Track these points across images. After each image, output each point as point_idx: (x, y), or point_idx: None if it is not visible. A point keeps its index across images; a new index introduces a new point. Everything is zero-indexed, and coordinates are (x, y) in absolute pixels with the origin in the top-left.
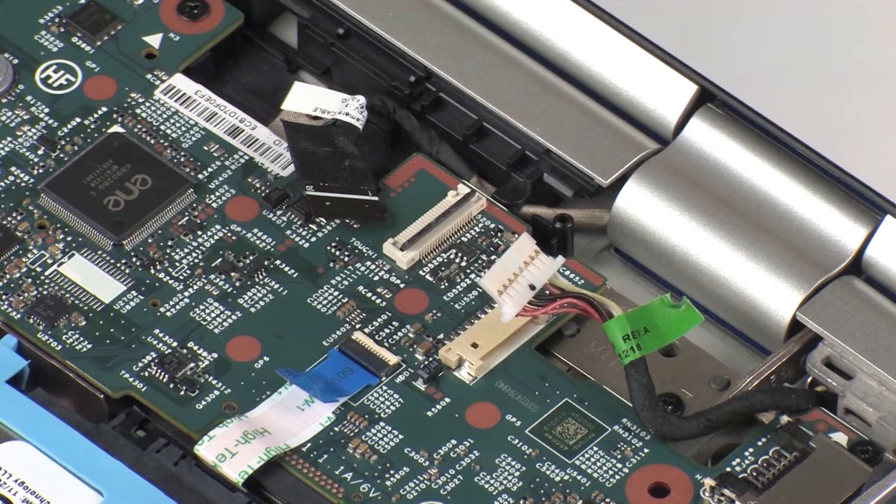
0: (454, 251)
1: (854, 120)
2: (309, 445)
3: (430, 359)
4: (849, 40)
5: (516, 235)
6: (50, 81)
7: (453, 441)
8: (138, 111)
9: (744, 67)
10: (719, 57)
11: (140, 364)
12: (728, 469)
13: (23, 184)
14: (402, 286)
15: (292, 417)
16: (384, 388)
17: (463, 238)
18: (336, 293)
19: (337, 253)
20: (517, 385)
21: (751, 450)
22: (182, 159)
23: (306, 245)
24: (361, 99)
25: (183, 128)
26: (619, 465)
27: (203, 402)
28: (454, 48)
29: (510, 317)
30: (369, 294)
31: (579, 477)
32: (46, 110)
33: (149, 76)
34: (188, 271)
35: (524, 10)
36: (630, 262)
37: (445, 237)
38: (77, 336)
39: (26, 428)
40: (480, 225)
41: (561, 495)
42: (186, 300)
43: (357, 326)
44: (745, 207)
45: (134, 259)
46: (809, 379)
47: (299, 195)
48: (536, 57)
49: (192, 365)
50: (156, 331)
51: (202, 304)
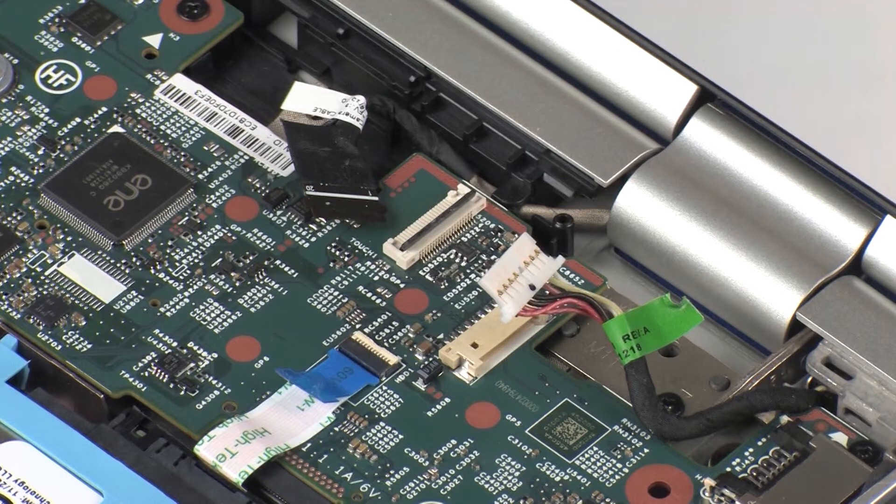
0: (454, 251)
1: (854, 120)
2: (309, 445)
3: (430, 359)
4: (849, 40)
5: (516, 235)
6: (50, 81)
7: (453, 441)
8: (138, 111)
9: (744, 67)
10: (719, 57)
11: (140, 364)
12: (728, 469)
13: (23, 184)
14: (402, 286)
15: (292, 417)
16: (384, 388)
17: (463, 238)
18: (336, 293)
19: (337, 253)
20: (517, 385)
21: (751, 450)
22: (182, 159)
23: (306, 245)
24: (361, 99)
25: (183, 128)
26: (619, 465)
27: (203, 402)
28: (454, 48)
29: (510, 317)
30: (369, 294)
31: (579, 477)
32: (46, 110)
33: (149, 76)
34: (188, 271)
35: (524, 10)
36: (630, 262)
37: (445, 237)
38: (77, 336)
39: (26, 428)
40: (480, 225)
41: (561, 495)
42: (186, 300)
43: (357, 326)
44: (745, 207)
45: (134, 259)
46: (809, 379)
47: (299, 195)
48: (536, 57)
49: (192, 365)
50: (156, 331)
51: (202, 304)
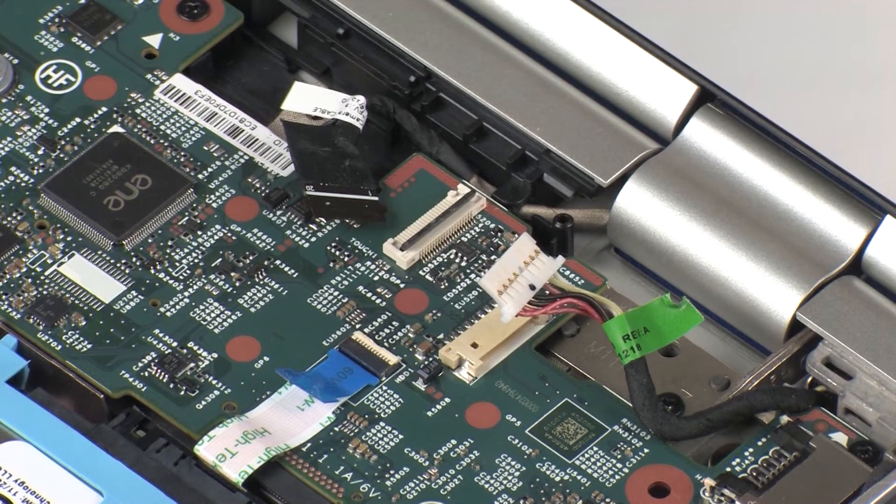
0: (454, 251)
1: (854, 120)
2: (309, 445)
3: (430, 359)
4: (849, 40)
5: (516, 235)
6: (50, 81)
7: (453, 441)
8: (138, 111)
9: (744, 67)
10: (719, 57)
11: (140, 364)
12: (728, 469)
13: (23, 184)
14: (402, 286)
15: (292, 417)
16: (384, 388)
17: (463, 238)
18: (336, 293)
19: (337, 253)
20: (517, 385)
21: (751, 450)
22: (182, 159)
23: (306, 245)
24: (361, 99)
25: (183, 128)
26: (619, 465)
27: (203, 402)
28: (454, 48)
29: (510, 317)
30: (369, 294)
31: (579, 477)
32: (46, 110)
33: (149, 76)
34: (188, 271)
35: (524, 10)
36: (630, 262)
37: (445, 237)
38: (77, 336)
39: (26, 428)
40: (480, 225)
41: (561, 495)
42: (186, 300)
43: (357, 326)
44: (745, 207)
45: (134, 259)
46: (809, 379)
47: (299, 195)
48: (536, 57)
49: (192, 365)
50: (156, 331)
51: (202, 304)
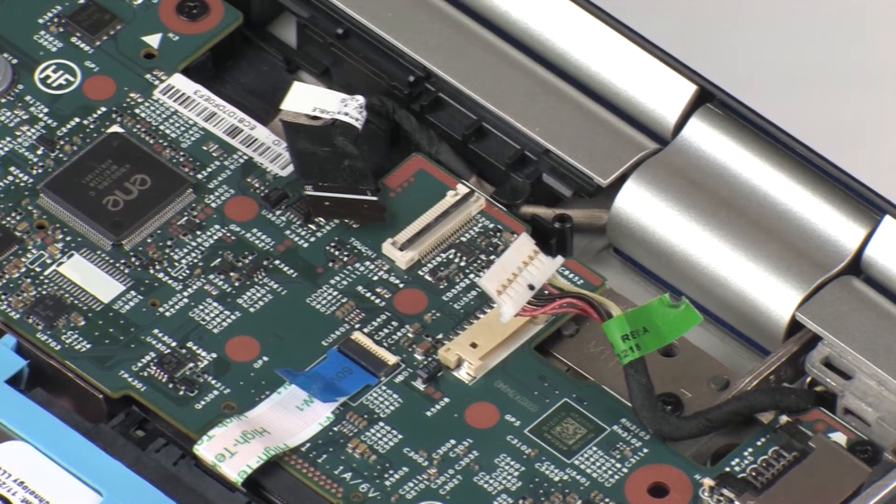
0: (453, 251)
1: (854, 120)
2: (308, 445)
3: (430, 359)
4: (849, 40)
5: (515, 235)
6: (49, 81)
7: (452, 441)
8: (137, 111)
9: (743, 67)
10: (718, 57)
11: (139, 364)
12: (727, 469)
13: (22, 184)
14: (402, 286)
15: (291, 417)
16: (383, 388)
17: (462, 238)
18: (335, 293)
19: (336, 253)
20: (516, 385)
21: (750, 450)
22: (181, 159)
23: (305, 245)
24: (361, 99)
25: (182, 128)
26: (619, 465)
27: (202, 402)
28: (453, 48)
29: (509, 317)
30: (368, 294)
31: (578, 477)
32: (45, 110)
33: (148, 76)
34: (187, 271)
35: (523, 10)
36: (629, 262)
37: (444, 237)
38: (76, 336)
39: (25, 428)
40: (479, 225)
41: (560, 495)
42: (185, 300)
43: (356, 326)
44: (745, 207)
45: (133, 259)
46: (809, 379)
47: (298, 195)
48: (536, 57)
49: (192, 365)
50: (155, 331)
51: (201, 304)
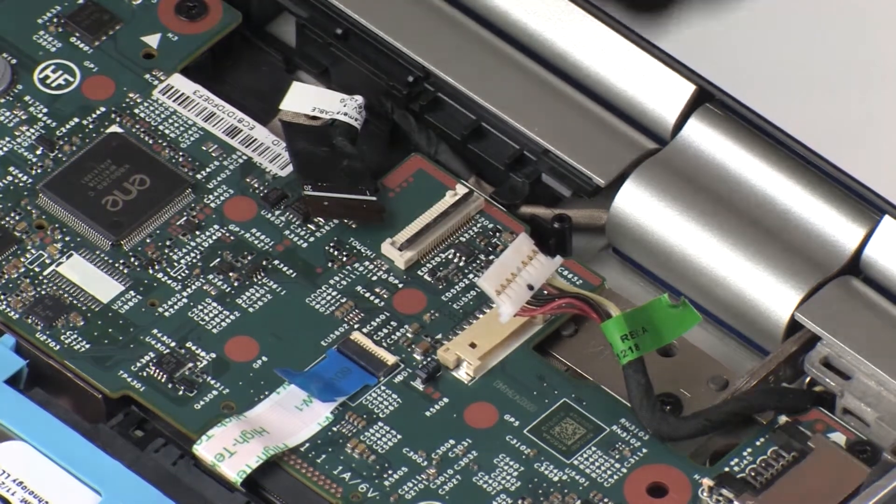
0: (452, 251)
1: (853, 120)
2: (307, 445)
3: (429, 359)
4: (848, 40)
5: (514, 235)
6: (48, 81)
7: (451, 441)
8: (137, 111)
9: (742, 67)
10: (718, 57)
11: (138, 364)
12: (726, 469)
13: (21, 184)
14: (401, 286)
15: (291, 417)
16: (382, 388)
17: (461, 238)
18: (334, 293)
19: (335, 253)
20: (515, 385)
21: (749, 450)
22: (180, 159)
23: (305, 245)
24: (360, 99)
25: (181, 128)
26: (618, 465)
27: (201, 402)
28: (452, 48)
29: (508, 317)
30: (368, 294)
31: (577, 477)
32: (45, 110)
33: (147, 76)
34: (186, 271)
35: (523, 11)
36: (628, 263)
37: (444, 237)
38: (75, 336)
39: (25, 428)
40: (479, 225)
41: (559, 495)
42: (185, 300)
43: (355, 326)
44: (744, 207)
45: (132, 259)
46: (808, 379)
47: (298, 195)
48: (535, 57)
49: (191, 365)
50: (154, 331)
51: (200, 304)
